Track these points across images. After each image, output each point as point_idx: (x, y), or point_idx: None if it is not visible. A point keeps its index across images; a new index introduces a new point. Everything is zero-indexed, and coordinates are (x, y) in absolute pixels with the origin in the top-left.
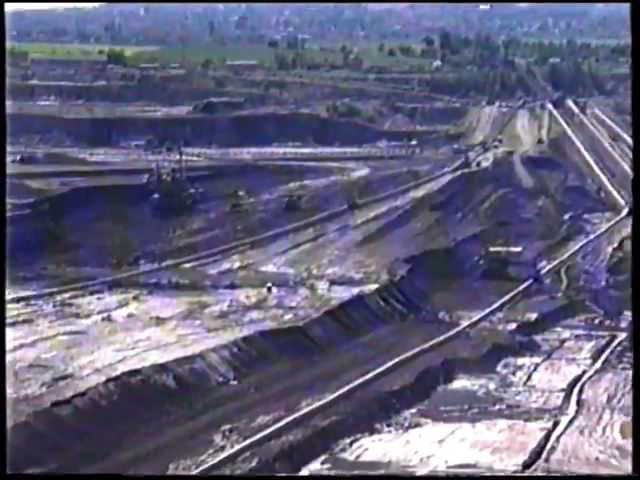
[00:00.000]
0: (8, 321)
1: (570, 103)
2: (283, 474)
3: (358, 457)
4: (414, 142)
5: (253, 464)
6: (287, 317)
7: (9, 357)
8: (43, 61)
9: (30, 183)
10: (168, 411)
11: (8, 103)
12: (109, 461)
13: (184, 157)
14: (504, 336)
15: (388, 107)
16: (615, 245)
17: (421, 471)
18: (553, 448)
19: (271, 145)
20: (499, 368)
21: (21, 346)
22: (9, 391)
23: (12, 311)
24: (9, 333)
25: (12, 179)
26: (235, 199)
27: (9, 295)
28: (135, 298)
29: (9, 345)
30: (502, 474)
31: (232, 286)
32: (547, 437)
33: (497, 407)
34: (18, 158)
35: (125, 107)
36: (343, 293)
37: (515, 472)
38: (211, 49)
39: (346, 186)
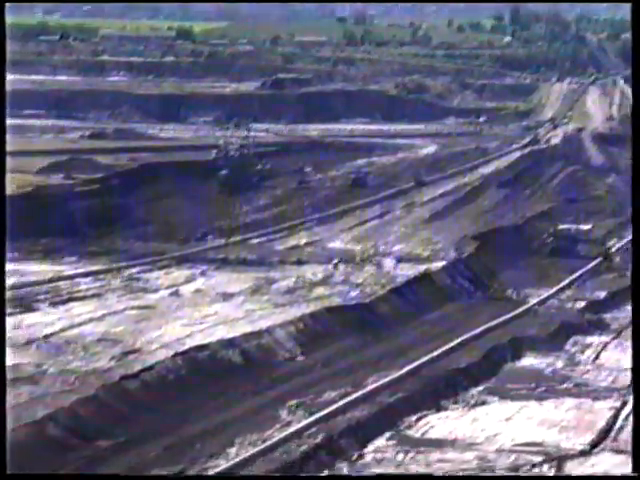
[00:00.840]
0: (78, 295)
1: None
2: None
3: (424, 434)
4: (483, 119)
5: (319, 440)
6: (353, 294)
7: (78, 331)
8: (113, 37)
9: (100, 158)
10: (235, 386)
11: (78, 79)
12: (176, 435)
13: (252, 133)
14: (573, 314)
15: (457, 84)
16: None
17: (488, 448)
18: (621, 427)
19: (339, 121)
20: (567, 346)
21: (90, 320)
22: (79, 364)
23: (81, 285)
24: (79, 307)
25: (82, 154)
26: (302, 175)
27: (79, 269)
28: (203, 273)
29: (79, 319)
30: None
31: (299, 262)
32: (615, 416)
33: (565, 385)
34: (88, 134)
35: (194, 83)
36: (410, 270)
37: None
38: (279, 25)
39: (414, 163)
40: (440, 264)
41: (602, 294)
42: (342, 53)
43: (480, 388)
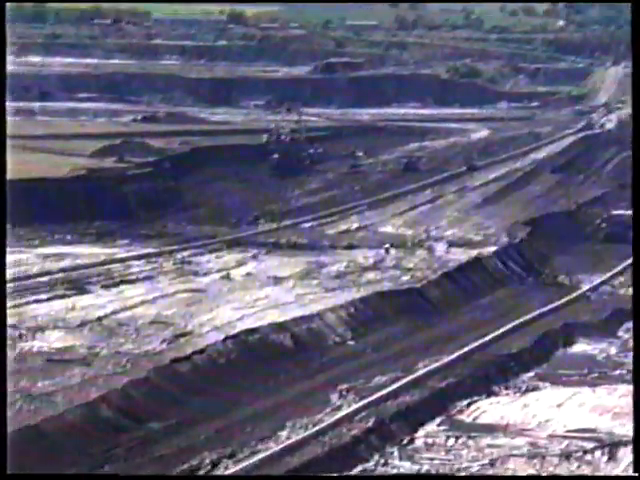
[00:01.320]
0: (130, 278)
1: None
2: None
3: (475, 419)
4: (536, 103)
5: (370, 424)
6: (404, 278)
7: (130, 313)
8: (165, 21)
9: (152, 142)
10: (285, 370)
11: (132, 62)
12: (227, 418)
13: (303, 117)
14: (626, 300)
15: (510, 68)
16: None
17: (539, 434)
18: None
19: (390, 106)
20: (620, 332)
21: (142, 303)
22: (130, 346)
23: (134, 268)
24: (131, 290)
25: (135, 138)
26: (354, 159)
27: (131, 252)
28: (254, 257)
29: (130, 301)
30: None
31: (350, 246)
32: None
33: (618, 372)
34: (140, 117)
35: (246, 67)
36: (461, 255)
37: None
38: (331, 9)
39: (466, 147)
40: (492, 249)
41: None
42: (394, 37)
43: (531, 374)
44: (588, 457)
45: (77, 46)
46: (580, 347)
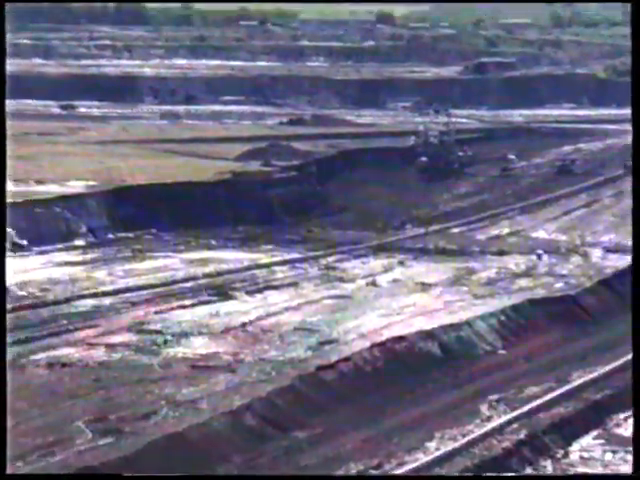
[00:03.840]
0: (274, 284)
1: None
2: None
3: None
4: None
5: (522, 436)
6: (558, 285)
7: (275, 319)
8: (312, 22)
9: (297, 145)
10: (433, 379)
11: (278, 64)
12: (373, 427)
13: (452, 119)
14: None
15: None
16: None
17: None
18: None
19: (544, 107)
20: None
21: (287, 309)
22: (275, 353)
23: (278, 274)
24: (275, 296)
25: (280, 141)
26: (505, 163)
27: (276, 258)
28: (400, 263)
29: (275, 307)
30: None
31: (500, 252)
32: None
33: None
34: (286, 120)
35: (393, 68)
36: (618, 261)
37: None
38: (483, 7)
39: (623, 150)
40: None
41: None
42: (549, 35)
43: None
44: None
45: (223, 48)
46: None
